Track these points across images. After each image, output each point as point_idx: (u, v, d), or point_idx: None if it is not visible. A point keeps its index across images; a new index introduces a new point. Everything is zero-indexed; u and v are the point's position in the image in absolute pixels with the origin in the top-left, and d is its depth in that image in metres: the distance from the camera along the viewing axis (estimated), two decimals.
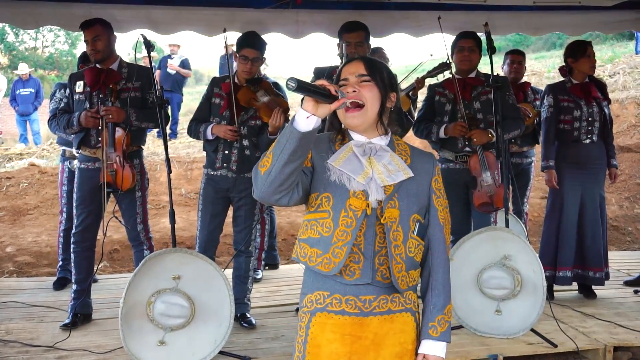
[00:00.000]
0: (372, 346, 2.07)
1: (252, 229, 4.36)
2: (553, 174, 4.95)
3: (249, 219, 4.34)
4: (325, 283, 2.07)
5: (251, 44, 4.31)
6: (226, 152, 4.27)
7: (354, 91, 2.02)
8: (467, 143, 4.53)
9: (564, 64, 5.12)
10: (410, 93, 5.19)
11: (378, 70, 2.09)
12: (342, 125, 2.11)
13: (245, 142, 4.27)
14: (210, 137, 4.29)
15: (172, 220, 3.96)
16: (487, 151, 4.49)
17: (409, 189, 2.07)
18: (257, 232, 4.40)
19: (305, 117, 1.84)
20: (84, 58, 5.38)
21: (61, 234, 5.52)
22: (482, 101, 4.55)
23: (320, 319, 2.07)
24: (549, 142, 5.01)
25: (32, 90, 12.62)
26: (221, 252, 6.96)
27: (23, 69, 13.06)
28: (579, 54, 4.99)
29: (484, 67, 4.65)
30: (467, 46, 4.58)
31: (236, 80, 4.32)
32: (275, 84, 5.00)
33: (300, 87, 1.77)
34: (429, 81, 4.93)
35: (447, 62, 4.71)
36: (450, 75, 4.71)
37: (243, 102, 4.25)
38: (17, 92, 12.69)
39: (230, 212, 4.51)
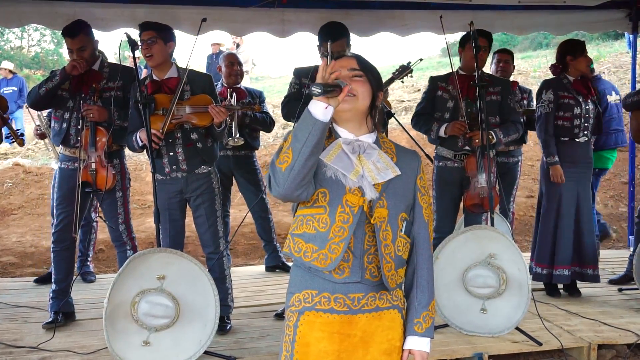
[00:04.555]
0: (360, 343, 2.08)
1: (217, 227, 4.21)
2: (559, 169, 4.90)
3: (212, 216, 4.16)
4: (313, 281, 2.07)
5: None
6: (171, 154, 4.06)
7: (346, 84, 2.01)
8: (467, 143, 4.52)
9: (554, 62, 5.12)
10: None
11: (369, 68, 2.11)
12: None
13: (194, 136, 4.07)
14: (140, 142, 4.00)
15: (157, 220, 3.93)
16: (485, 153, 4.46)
17: (396, 188, 2.08)
18: (222, 229, 4.25)
19: (323, 108, 1.89)
20: None
21: None
22: (486, 101, 4.51)
23: (309, 318, 2.07)
24: (550, 137, 4.97)
25: (15, 89, 12.51)
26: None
27: (7, 65, 12.96)
28: (578, 52, 4.99)
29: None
30: (482, 45, 4.47)
31: (155, 77, 4.10)
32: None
33: (325, 90, 1.88)
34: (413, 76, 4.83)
35: (409, 65, 4.64)
36: (451, 72, 4.68)
37: (171, 128, 3.99)
38: (1, 90, 12.61)
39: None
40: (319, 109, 1.89)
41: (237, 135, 5.03)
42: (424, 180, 2.16)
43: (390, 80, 4.66)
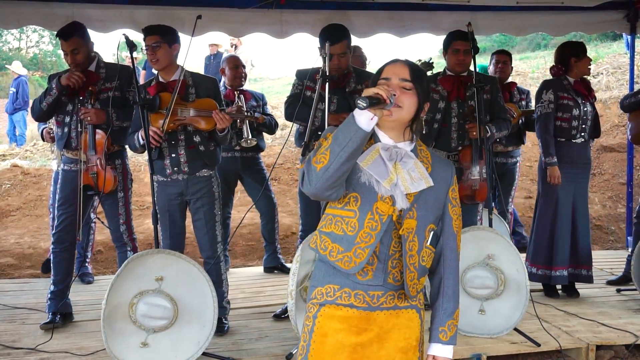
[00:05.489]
0: (376, 339, 2.13)
1: (215, 231, 4.19)
2: (557, 170, 4.91)
3: (211, 220, 4.14)
4: (336, 277, 2.12)
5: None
6: (173, 155, 4.04)
7: (394, 95, 2.03)
8: (460, 142, 4.53)
9: (553, 63, 5.12)
10: None
11: (420, 79, 2.12)
12: None
13: (197, 139, 4.06)
14: (142, 141, 3.99)
15: (155, 221, 3.94)
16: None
17: (427, 199, 2.11)
18: (221, 233, 4.23)
19: (369, 118, 1.93)
20: None
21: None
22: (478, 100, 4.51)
23: (329, 310, 2.13)
24: (550, 137, 4.96)
25: (14, 90, 12.50)
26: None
27: (16, 66, 12.96)
28: (581, 54, 4.99)
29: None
30: (463, 49, 4.47)
31: (161, 79, 4.11)
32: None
33: (370, 104, 1.91)
34: None
35: (430, 61, 4.69)
36: (439, 72, 4.71)
37: (173, 128, 3.98)
38: (11, 90, 12.66)
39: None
40: (364, 118, 1.93)
41: (250, 137, 5.05)
42: (455, 192, 2.20)
43: None
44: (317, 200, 2.11)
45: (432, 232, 2.13)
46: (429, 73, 4.83)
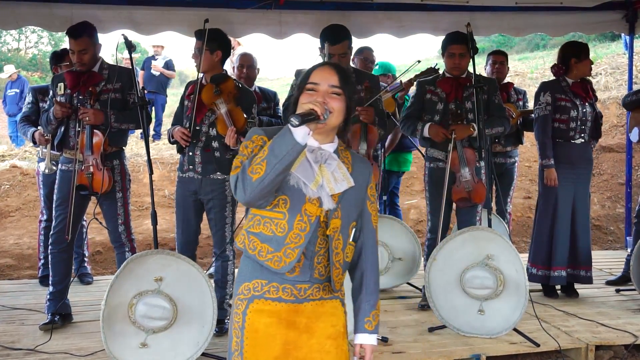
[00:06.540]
0: (305, 329, 2.20)
1: (225, 232, 4.25)
2: (553, 172, 4.92)
3: (221, 222, 4.23)
4: (263, 272, 2.17)
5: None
6: (190, 153, 4.15)
7: (327, 110, 2.07)
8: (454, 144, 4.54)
9: (554, 62, 5.11)
10: (396, 96, 5.22)
11: (348, 84, 2.17)
12: None
13: (215, 144, 4.13)
14: (171, 140, 4.22)
15: (154, 222, 3.95)
16: (467, 147, 4.52)
17: (349, 198, 2.18)
18: (231, 235, 4.28)
19: (305, 133, 1.97)
20: (56, 59, 5.27)
21: (42, 232, 5.48)
22: (474, 102, 4.54)
23: (258, 306, 2.18)
24: (547, 139, 4.97)
25: (17, 91, 12.47)
26: (205, 254, 6.93)
27: (9, 70, 12.93)
28: (582, 55, 4.99)
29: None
30: (458, 52, 4.52)
31: (204, 82, 4.18)
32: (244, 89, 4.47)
33: (303, 121, 1.94)
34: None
35: (435, 67, 4.71)
36: (438, 75, 4.74)
37: (206, 101, 4.11)
38: (6, 92, 12.62)
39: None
40: (301, 132, 1.96)
41: None
42: (373, 189, 2.28)
43: (414, 79, 4.76)
44: (248, 207, 2.15)
45: (354, 229, 2.20)
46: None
